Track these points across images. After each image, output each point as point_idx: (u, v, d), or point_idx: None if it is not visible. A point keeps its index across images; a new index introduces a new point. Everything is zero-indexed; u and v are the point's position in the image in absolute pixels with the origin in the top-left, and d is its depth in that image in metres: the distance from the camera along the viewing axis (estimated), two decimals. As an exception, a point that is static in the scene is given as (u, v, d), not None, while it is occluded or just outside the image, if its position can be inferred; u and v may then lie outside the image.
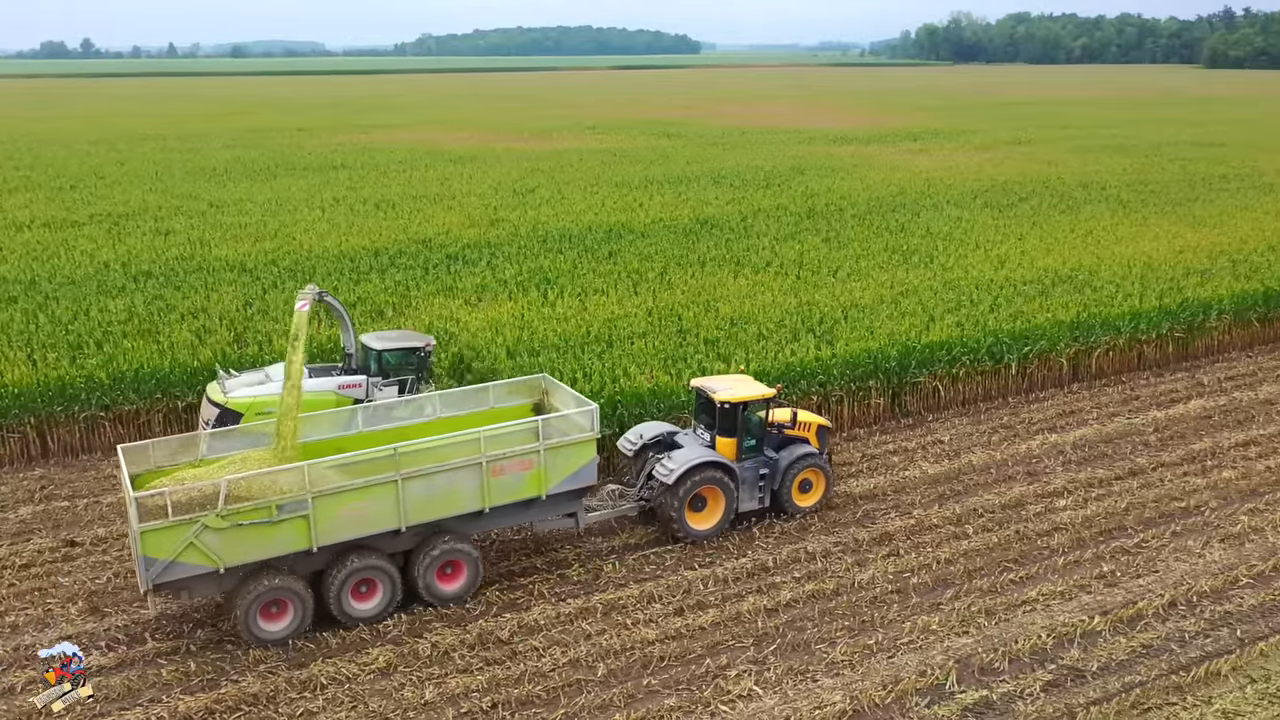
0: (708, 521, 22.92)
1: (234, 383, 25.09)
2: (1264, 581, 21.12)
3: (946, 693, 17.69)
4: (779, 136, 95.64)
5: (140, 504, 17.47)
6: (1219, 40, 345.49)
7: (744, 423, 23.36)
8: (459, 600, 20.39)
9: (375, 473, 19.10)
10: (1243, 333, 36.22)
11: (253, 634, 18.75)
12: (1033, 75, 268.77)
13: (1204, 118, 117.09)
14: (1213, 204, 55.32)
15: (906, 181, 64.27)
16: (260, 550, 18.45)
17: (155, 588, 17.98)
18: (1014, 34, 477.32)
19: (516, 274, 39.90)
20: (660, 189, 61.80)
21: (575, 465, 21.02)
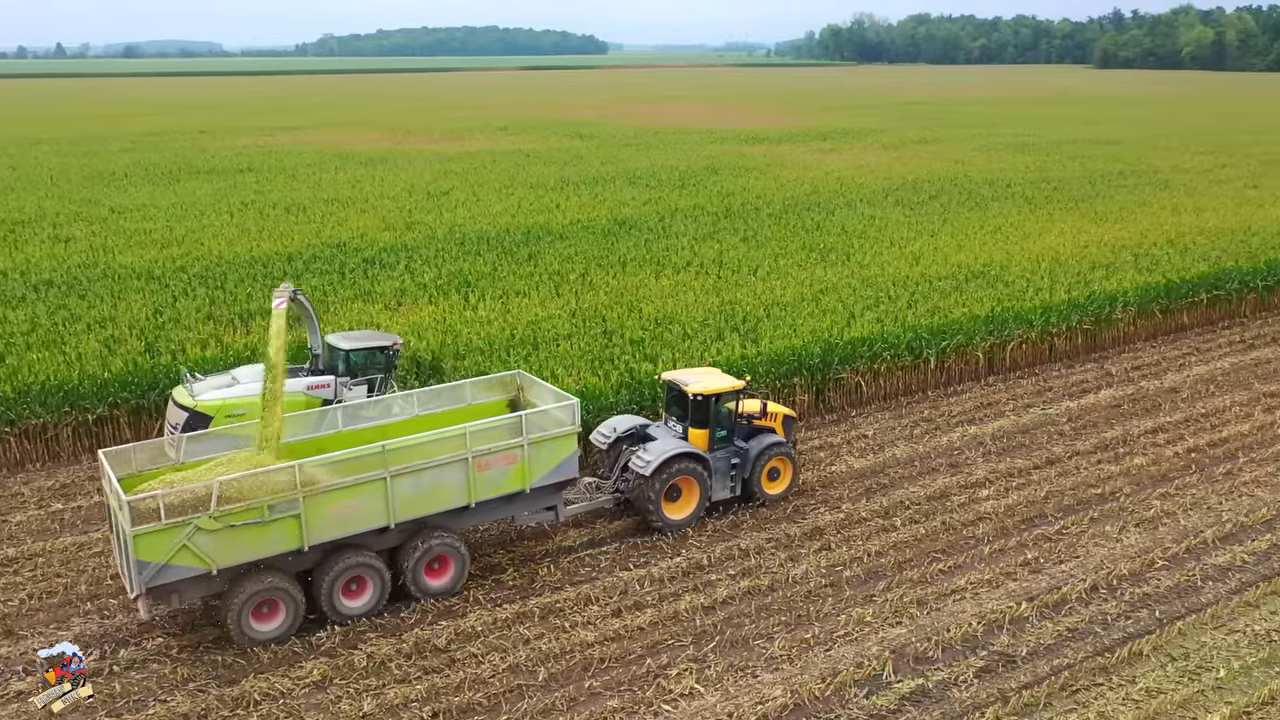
0: (683, 511, 23.33)
1: (201, 386, 24.64)
2: (1178, 563, 21.89)
3: (884, 683, 17.97)
4: (691, 137, 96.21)
5: (133, 507, 17.25)
6: (1109, 41, 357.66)
7: (716, 414, 23.75)
8: (446, 595, 20.53)
9: (364, 470, 19.17)
10: (1146, 324, 37.51)
11: (245, 635, 18.70)
12: (934, 75, 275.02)
13: (1099, 116, 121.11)
14: (1112, 200, 57.24)
15: (819, 180, 65.20)
16: (252, 551, 18.43)
17: (147, 591, 17.81)
18: (915, 35, 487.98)
19: (436, 277, 39.45)
20: (576, 190, 61.69)
21: (557, 459, 21.37)
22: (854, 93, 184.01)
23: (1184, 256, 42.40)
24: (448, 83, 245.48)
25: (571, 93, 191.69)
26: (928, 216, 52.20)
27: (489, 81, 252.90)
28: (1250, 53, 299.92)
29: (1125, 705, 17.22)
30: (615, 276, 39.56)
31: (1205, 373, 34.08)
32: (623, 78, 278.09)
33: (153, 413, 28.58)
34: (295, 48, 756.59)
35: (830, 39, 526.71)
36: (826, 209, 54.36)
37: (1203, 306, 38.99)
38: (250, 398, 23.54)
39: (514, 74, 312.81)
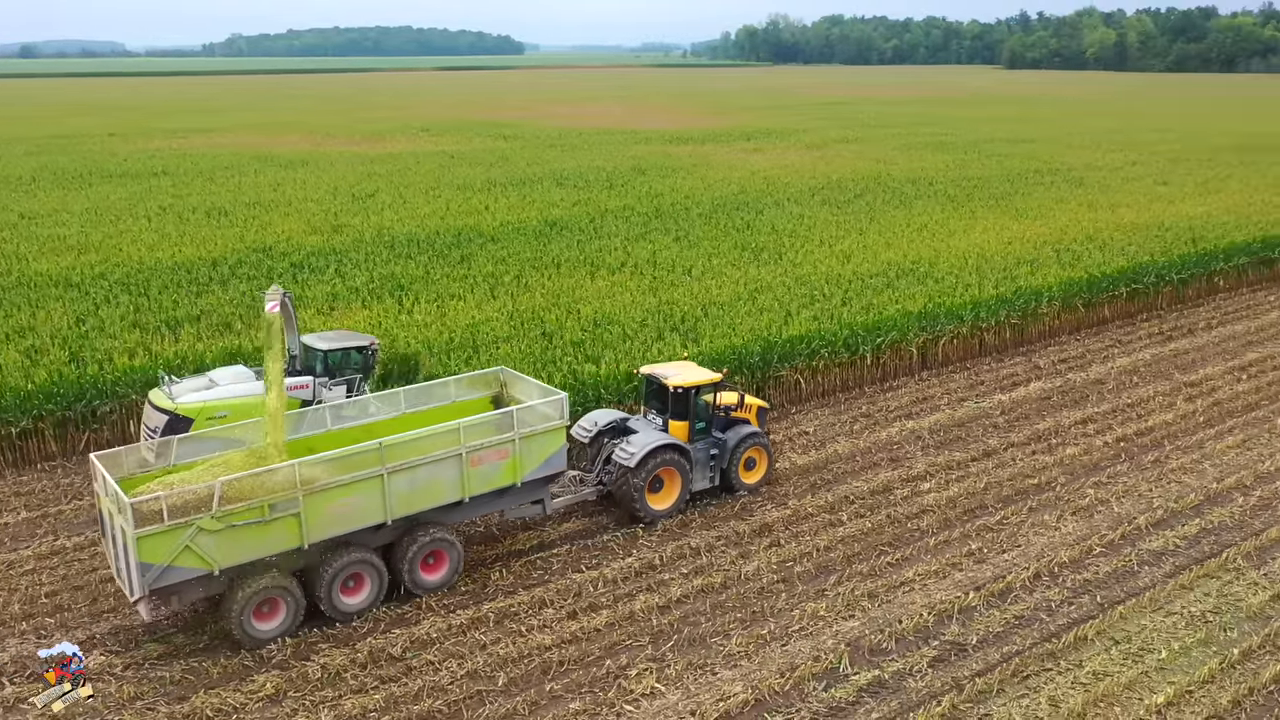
0: (665, 502, 23.75)
1: (180, 388, 24.32)
2: (1115, 550, 22.55)
3: (841, 675, 18.21)
4: (615, 137, 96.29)
5: (136, 510, 17.15)
6: (1016, 42, 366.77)
7: (695, 406, 24.25)
8: (442, 589, 20.73)
9: (361, 468, 19.31)
10: (1070, 317, 38.57)
11: (248, 635, 18.72)
12: (849, 75, 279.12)
13: (1011, 115, 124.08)
14: (1031, 197, 58.73)
15: (746, 180, 65.75)
16: (253, 550, 18.47)
17: (149, 593, 17.80)
18: (829, 35, 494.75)
19: (368, 281, 38.92)
20: (504, 191, 61.34)
21: (547, 453, 21.74)
22: (773, 93, 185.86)
23: (1103, 252, 43.69)
24: (363, 83, 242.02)
25: (492, 93, 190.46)
26: (855, 215, 52.99)
27: (405, 82, 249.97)
28: (1150, 54, 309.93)
29: (1074, 689, 17.69)
30: (550, 278, 39.44)
31: (1128, 364, 35.15)
32: (541, 78, 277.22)
33: (79, 424, 27.74)
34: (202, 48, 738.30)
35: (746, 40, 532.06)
36: (755, 208, 54.84)
37: (1122, 300, 40.23)
38: (231, 399, 23.59)
39: (430, 74, 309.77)
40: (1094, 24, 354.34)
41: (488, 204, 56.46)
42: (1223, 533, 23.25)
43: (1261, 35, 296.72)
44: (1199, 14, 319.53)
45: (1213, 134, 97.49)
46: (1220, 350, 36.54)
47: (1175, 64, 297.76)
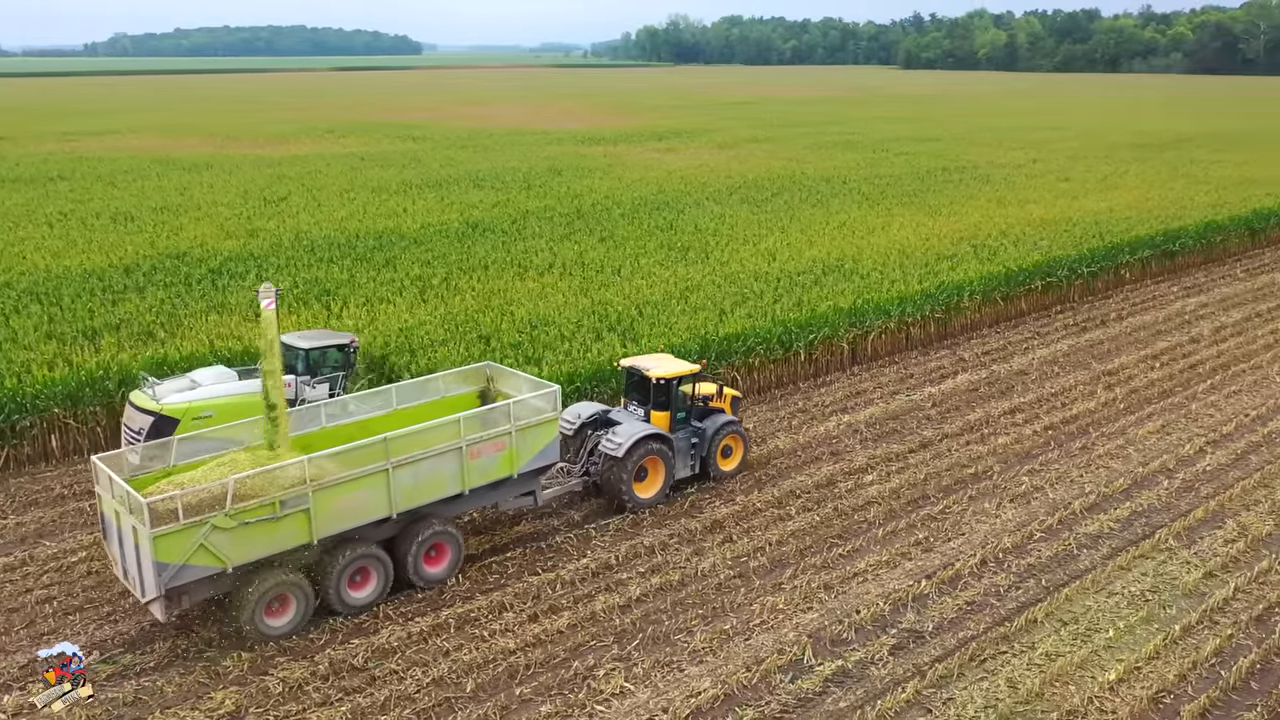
0: (650, 490, 24.36)
1: (163, 389, 24.04)
2: (1054, 534, 23.30)
3: (805, 667, 18.47)
4: (527, 138, 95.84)
5: (152, 509, 17.18)
6: (911, 43, 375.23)
7: (676, 397, 24.90)
8: (444, 580, 21.06)
9: (367, 462, 19.54)
10: (990, 311, 39.71)
11: (260, 631, 18.88)
12: (752, 75, 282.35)
13: (913, 114, 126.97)
14: (942, 194, 60.22)
15: (663, 180, 66.07)
16: (264, 547, 18.61)
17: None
18: (729, 36, 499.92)
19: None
20: (421, 193, 60.59)
21: (541, 444, 22.20)
22: (678, 93, 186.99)
23: (1017, 247, 45.03)
24: (259, 84, 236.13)
25: (394, 94, 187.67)
26: (774, 214, 53.67)
27: (302, 83, 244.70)
28: (1039, 54, 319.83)
29: (1030, 670, 18.24)
30: (479, 280, 39.12)
31: (1048, 355, 36.33)
32: (442, 78, 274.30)
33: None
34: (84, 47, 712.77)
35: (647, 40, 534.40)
36: (676, 208, 55.16)
37: (1038, 293, 41.55)
38: (215, 399, 23.58)
39: (327, 75, 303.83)
40: (985, 25, 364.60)
41: (405, 206, 55.71)
42: (1152, 515, 24.20)
43: (1142, 37, 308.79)
44: (1083, 16, 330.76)
45: (1107, 132, 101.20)
46: (1132, 340, 38.00)
47: (1063, 64, 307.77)
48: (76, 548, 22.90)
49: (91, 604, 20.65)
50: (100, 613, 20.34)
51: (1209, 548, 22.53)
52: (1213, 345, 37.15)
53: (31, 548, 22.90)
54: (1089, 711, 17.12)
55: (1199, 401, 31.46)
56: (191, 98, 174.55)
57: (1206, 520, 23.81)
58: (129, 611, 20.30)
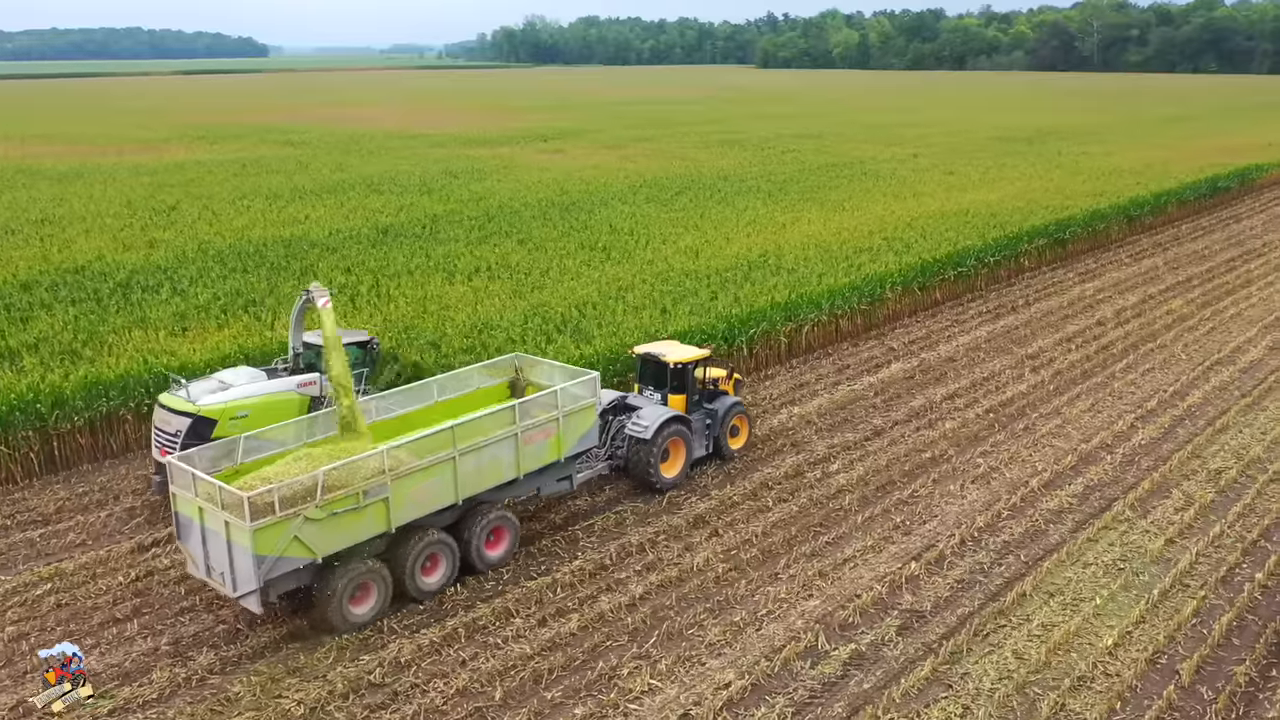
0: (673, 470, 25.42)
1: (196, 390, 24.08)
2: (1020, 512, 24.39)
3: (822, 653, 18.93)
4: (409, 141, 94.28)
5: (252, 503, 17.54)
6: (768, 43, 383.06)
7: (692, 380, 26.07)
8: (503, 563, 21.89)
9: (436, 451, 20.19)
10: (909, 301, 41.11)
11: (346, 620, 19.31)
12: (615, 75, 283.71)
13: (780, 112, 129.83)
14: (839, 190, 61.91)
15: (562, 181, 66.01)
16: (349, 537, 19.12)
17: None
18: (587, 36, 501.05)
19: (212, 298, 36.76)
20: (319, 199, 59.07)
21: (583, 430, 23.22)
22: (549, 94, 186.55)
23: (925, 239, 46.71)
24: (101, 89, 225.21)
25: (256, 96, 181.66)
26: (683, 212, 54.30)
27: (149, 87, 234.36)
28: (890, 53, 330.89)
29: (1031, 641, 19.12)
30: (408, 286, 38.49)
31: (969, 341, 37.85)
32: (298, 81, 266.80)
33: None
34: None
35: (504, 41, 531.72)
36: (584, 209, 55.26)
37: (950, 282, 43.19)
38: (250, 398, 24.01)
39: (173, 79, 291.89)
40: (838, 25, 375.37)
41: (306, 213, 54.26)
42: (1104, 489, 25.56)
43: (985, 35, 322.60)
44: (930, 15, 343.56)
45: (975, 127, 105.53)
46: (1043, 325, 39.90)
47: (913, 62, 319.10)
48: (34, 580, 21.74)
49: (69, 635, 19.65)
50: (82, 645, 19.36)
51: (1163, 517, 23.94)
52: (1118, 327, 39.31)
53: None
54: (1095, 676, 18.05)
55: (1119, 380, 33.29)
56: (32, 104, 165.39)
57: (1154, 491, 25.27)
58: (113, 642, 19.44)
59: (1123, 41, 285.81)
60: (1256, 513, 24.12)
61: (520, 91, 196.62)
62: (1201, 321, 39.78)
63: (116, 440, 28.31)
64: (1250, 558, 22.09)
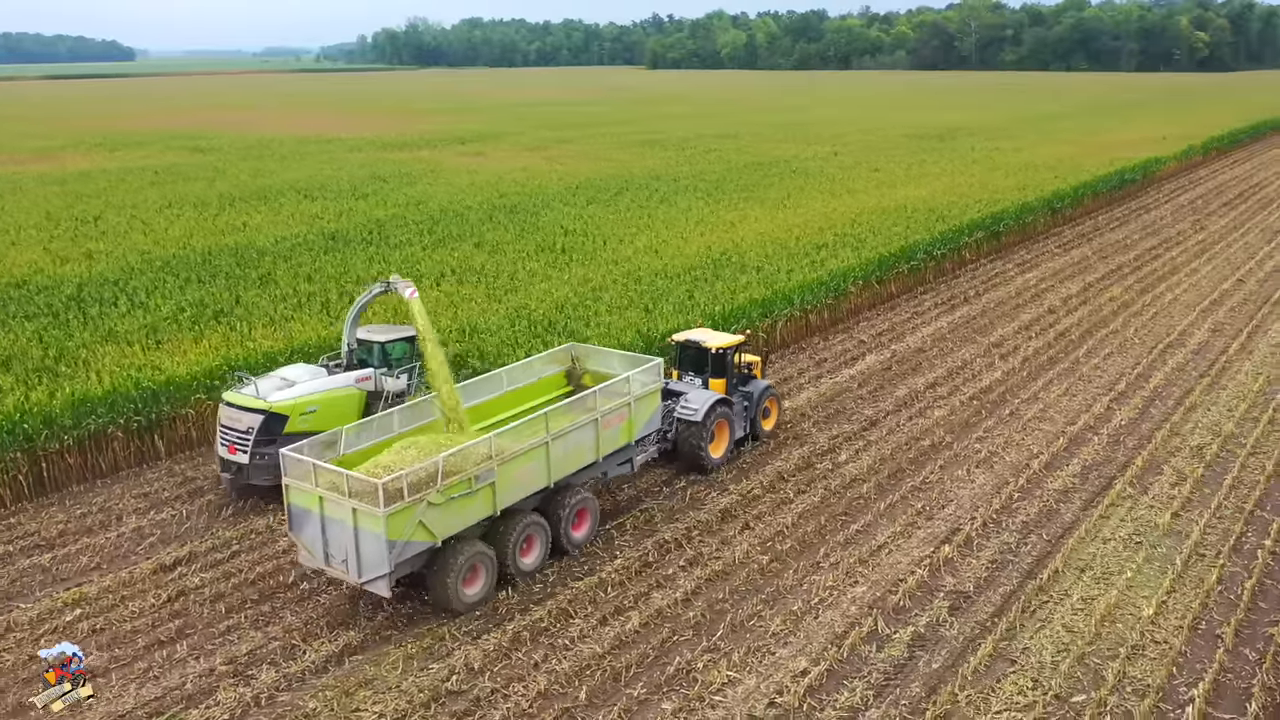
0: (719, 450, 26.63)
1: (264, 387, 24.75)
2: (1029, 494, 25.38)
3: (884, 637, 19.48)
4: (324, 145, 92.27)
5: (385, 489, 18.19)
6: (656, 44, 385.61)
7: (731, 365, 27.46)
8: (587, 543, 22.82)
9: (532, 436, 21.10)
10: (868, 295, 42.18)
11: (461, 601, 20.05)
12: (506, 77, 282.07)
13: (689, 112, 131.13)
14: (774, 188, 63.00)
15: (496, 183, 65.65)
16: (461, 521, 19.94)
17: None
18: (471, 38, 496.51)
19: (177, 309, 35.65)
20: (250, 205, 57.56)
21: (649, 413, 24.42)
22: (444, 96, 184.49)
23: (875, 235, 47.98)
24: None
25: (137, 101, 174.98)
26: (627, 212, 54.61)
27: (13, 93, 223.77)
28: (777, 53, 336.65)
29: (1078, 615, 19.98)
30: (378, 292, 37.84)
31: (933, 332, 39.06)
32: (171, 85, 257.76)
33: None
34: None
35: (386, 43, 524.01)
36: (529, 211, 55.11)
37: (904, 275, 44.46)
38: (316, 394, 24.88)
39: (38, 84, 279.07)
40: (724, 26, 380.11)
41: (244, 220, 52.88)
42: (1100, 468, 26.77)
43: (868, 36, 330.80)
44: (814, 16, 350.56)
45: (884, 125, 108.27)
46: (998, 314, 41.42)
47: (800, 62, 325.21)
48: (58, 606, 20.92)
49: (115, 661, 19.01)
50: (134, 669, 18.76)
51: (1162, 492, 25.22)
52: (1068, 315, 41.06)
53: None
54: (1146, 645, 19.00)
55: (1085, 365, 34.81)
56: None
57: (1147, 469, 26.58)
58: (166, 665, 18.89)
59: (999, 41, 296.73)
60: (1246, 485, 25.59)
61: (415, 94, 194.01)
62: (1145, 307, 41.81)
63: (105, 459, 27.36)
64: (1252, 526, 23.45)
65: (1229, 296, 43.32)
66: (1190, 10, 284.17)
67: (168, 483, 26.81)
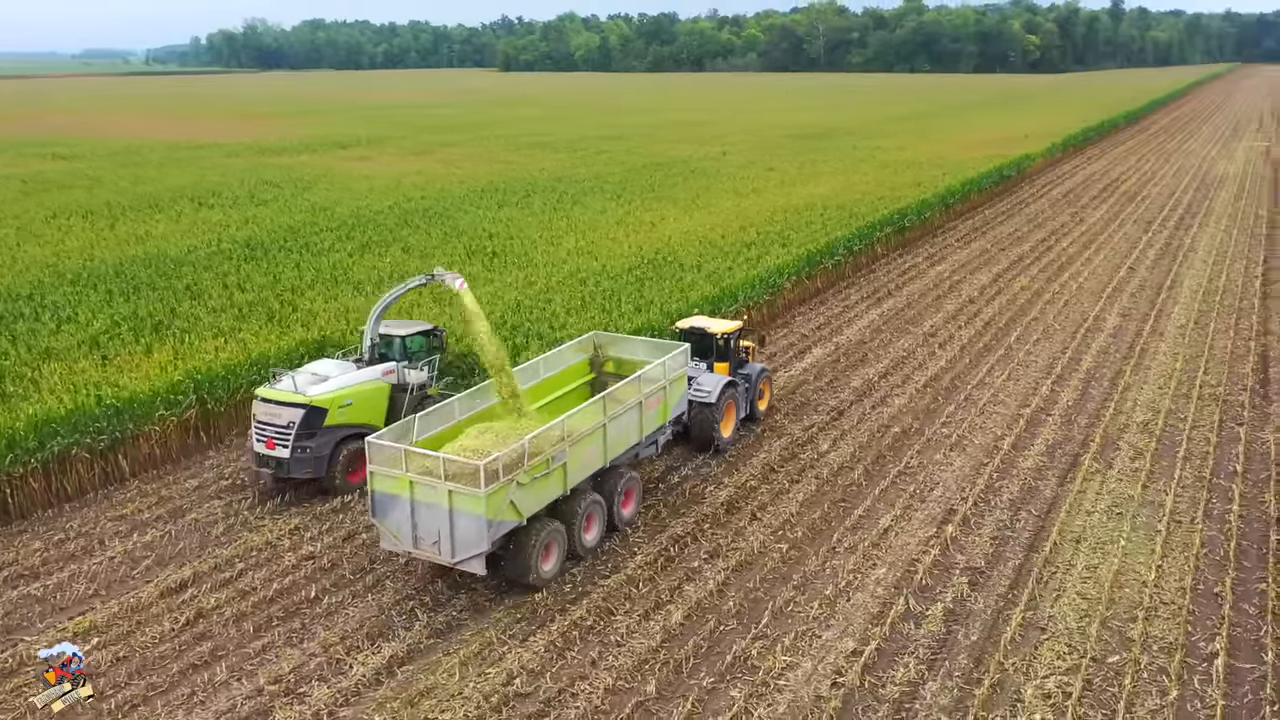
0: (728, 430, 28.17)
1: (300, 383, 25.21)
2: (1006, 473, 26.73)
3: (918, 614, 20.36)
4: (198, 151, 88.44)
5: (485, 470, 19.10)
6: (509, 46, 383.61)
7: (734, 350, 29.08)
8: (634, 520, 24.02)
9: (593, 419, 22.23)
10: (799, 291, 43.37)
11: (540, 577, 20.95)
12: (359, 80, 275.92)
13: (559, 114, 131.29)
14: (679, 188, 63.82)
15: (396, 188, 64.48)
16: (539, 500, 20.87)
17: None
18: (314, 39, 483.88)
19: (111, 323, 33.99)
20: (146, 215, 54.96)
21: (679, 395, 25.98)
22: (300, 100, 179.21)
23: (797, 232, 49.30)
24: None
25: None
26: (544, 215, 54.55)
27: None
28: (631, 55, 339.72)
29: (1088, 583, 21.29)
30: (321, 300, 37.00)
31: (867, 325, 40.50)
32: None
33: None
34: None
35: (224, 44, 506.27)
36: (442, 215, 54.44)
37: (828, 271, 45.89)
38: (350, 387, 25.72)
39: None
40: (576, 28, 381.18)
41: (144, 230, 50.57)
42: (1062, 446, 28.41)
43: (720, 38, 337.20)
44: (666, 19, 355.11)
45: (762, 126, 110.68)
46: (923, 305, 43.21)
47: (654, 64, 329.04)
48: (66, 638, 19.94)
49: (152, 688, 18.28)
50: (176, 695, 18.09)
51: (1126, 466, 26.96)
52: (988, 304, 43.16)
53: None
54: (1158, 606, 20.41)
55: (1019, 351, 36.72)
56: None
57: (1105, 446, 28.33)
58: (210, 689, 18.29)
59: (846, 44, 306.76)
60: (1197, 456, 27.58)
61: (267, 97, 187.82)
62: (1055, 296, 44.28)
63: (70, 482, 26.04)
64: (1215, 494, 25.34)
65: (1126, 284, 46.27)
66: (1021, 15, 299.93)
67: (141, 503, 25.73)
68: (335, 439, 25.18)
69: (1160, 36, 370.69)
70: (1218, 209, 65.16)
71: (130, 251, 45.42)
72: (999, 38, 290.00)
